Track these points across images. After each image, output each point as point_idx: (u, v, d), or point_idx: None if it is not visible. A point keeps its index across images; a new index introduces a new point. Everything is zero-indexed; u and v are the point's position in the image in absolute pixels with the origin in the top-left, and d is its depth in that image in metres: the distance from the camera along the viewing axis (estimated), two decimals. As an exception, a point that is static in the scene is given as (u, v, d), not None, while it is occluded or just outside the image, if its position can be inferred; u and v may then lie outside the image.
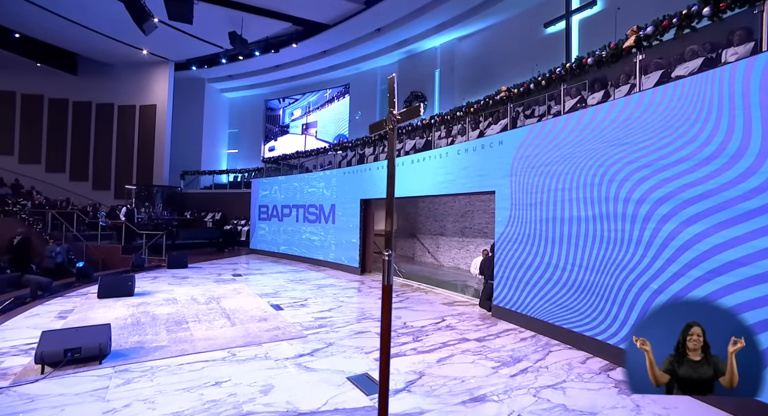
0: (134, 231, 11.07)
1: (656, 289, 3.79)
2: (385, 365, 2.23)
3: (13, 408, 2.95)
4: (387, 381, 2.42)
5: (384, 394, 2.35)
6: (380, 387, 1.99)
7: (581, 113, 4.73)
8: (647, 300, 3.87)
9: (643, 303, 3.91)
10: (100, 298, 6.21)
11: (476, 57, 13.72)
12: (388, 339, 1.63)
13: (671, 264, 3.68)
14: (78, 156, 16.55)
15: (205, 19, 12.41)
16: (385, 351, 2.00)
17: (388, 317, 1.06)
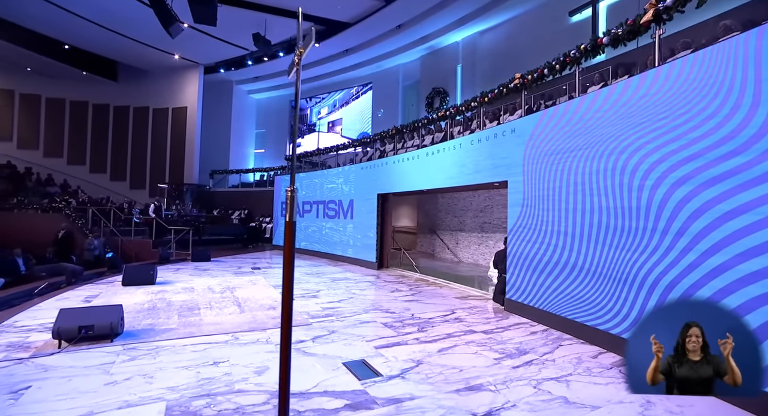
0: (164, 227, 11.60)
1: (672, 280, 3.52)
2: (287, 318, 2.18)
3: (27, 377, 3.17)
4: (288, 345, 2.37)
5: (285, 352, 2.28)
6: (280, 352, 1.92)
7: (594, 94, 4.49)
8: (663, 290, 3.60)
9: (659, 294, 3.64)
10: (124, 286, 6.55)
11: (498, 50, 13.39)
12: (290, 276, 1.56)
13: (687, 253, 3.40)
14: (117, 157, 17.61)
15: (230, 21, 12.85)
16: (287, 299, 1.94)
17: (290, 249, 1.00)
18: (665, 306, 1.77)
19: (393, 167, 9.24)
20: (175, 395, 2.90)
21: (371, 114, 17.82)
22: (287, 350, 1.00)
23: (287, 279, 1.03)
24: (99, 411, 2.66)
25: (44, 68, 16.37)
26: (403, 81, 17.13)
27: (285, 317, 0.99)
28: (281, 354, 1.04)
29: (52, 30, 14.34)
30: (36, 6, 12.49)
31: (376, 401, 2.92)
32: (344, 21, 14.52)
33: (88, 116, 17.68)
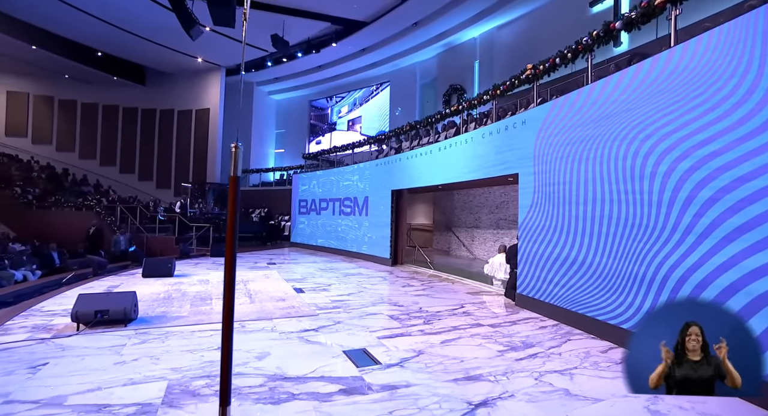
0: (186, 224, 12.00)
1: (685, 272, 3.35)
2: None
3: (46, 355, 3.38)
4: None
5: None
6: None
7: (605, 81, 4.34)
8: (676, 282, 3.43)
9: (672, 286, 3.47)
10: (144, 277, 6.82)
11: (517, 45, 13.12)
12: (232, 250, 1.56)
13: (701, 243, 3.23)
14: (144, 158, 18.38)
15: (250, 24, 13.17)
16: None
17: (234, 210, 0.99)
18: (665, 307, 1.77)
19: (406, 163, 9.21)
20: (177, 375, 3.00)
21: (389, 112, 17.83)
22: (229, 332, 1.02)
23: (230, 249, 1.04)
24: (106, 386, 2.79)
25: (80, 75, 17.25)
26: (420, 79, 17.05)
27: (227, 292, 1.01)
28: (223, 336, 1.06)
29: (87, 38, 15.11)
30: (73, 16, 13.20)
31: (371, 387, 2.92)
32: (361, 20, 14.60)
33: (118, 119, 18.52)
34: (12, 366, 3.13)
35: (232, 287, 0.99)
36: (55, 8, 12.84)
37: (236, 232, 1.04)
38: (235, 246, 1.05)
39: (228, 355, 0.99)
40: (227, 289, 0.99)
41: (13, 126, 18.05)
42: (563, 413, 2.61)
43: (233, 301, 0.99)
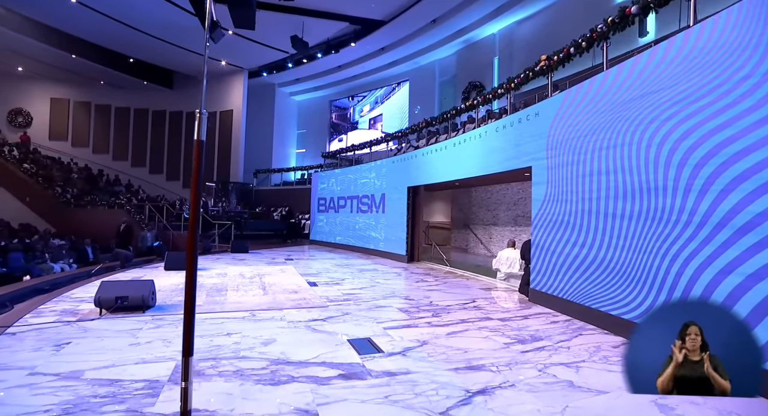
0: (210, 222, 12.41)
1: (701, 263, 3.20)
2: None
3: (70, 335, 3.62)
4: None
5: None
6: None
7: (618, 68, 4.20)
8: (692, 274, 3.28)
9: (688, 279, 3.32)
10: (166, 270, 7.12)
11: (537, 39, 12.83)
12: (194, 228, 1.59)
13: (718, 233, 3.08)
14: (172, 159, 19.15)
15: (270, 26, 13.48)
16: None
17: (197, 174, 1.03)
18: (665, 307, 1.83)
19: (421, 159, 9.19)
20: (185, 357, 3.12)
21: (408, 111, 17.82)
22: (191, 316, 1.07)
23: (192, 224, 1.08)
24: (119, 364, 2.94)
25: (114, 80, 18.18)
26: (439, 76, 16.96)
27: (189, 271, 1.06)
28: (185, 320, 1.12)
29: (120, 45, 15.90)
30: (107, 25, 13.93)
31: (370, 373, 2.95)
32: (379, 19, 14.66)
33: (148, 122, 19.37)
34: (40, 343, 3.36)
35: (196, 230, 1.04)
36: (91, 18, 13.58)
37: (200, 193, 1.09)
38: (198, 204, 1.09)
39: (191, 308, 1.04)
40: (191, 233, 1.04)
41: (56, 130, 19.20)
42: (564, 403, 2.55)
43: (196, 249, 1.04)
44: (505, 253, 6.96)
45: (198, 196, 1.09)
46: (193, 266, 1.02)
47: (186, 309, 1.05)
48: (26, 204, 15.76)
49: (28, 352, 3.16)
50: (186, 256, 1.03)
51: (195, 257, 1.02)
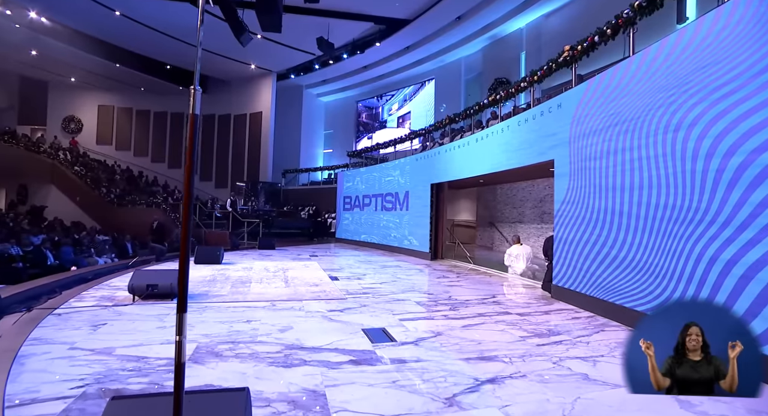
0: (239, 220, 12.87)
1: (731, 258, 3.02)
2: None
3: (106, 318, 3.91)
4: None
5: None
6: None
7: (643, 53, 4.02)
8: (723, 268, 3.10)
9: (718, 273, 3.14)
10: (196, 264, 7.47)
11: (566, 32, 12.42)
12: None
13: (746, 227, 2.90)
14: (205, 160, 19.99)
15: (296, 29, 13.82)
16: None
17: (192, 145, 1.08)
18: (665, 308, 1.78)
19: (444, 156, 9.14)
20: (206, 340, 3.29)
21: (434, 109, 17.72)
22: (185, 273, 1.16)
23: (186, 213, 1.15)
24: (146, 344, 3.15)
25: (153, 87, 19.22)
26: (465, 74, 16.78)
27: (182, 261, 1.14)
28: (179, 277, 1.20)
29: (158, 53, 16.81)
30: (147, 34, 14.79)
31: (381, 360, 2.99)
32: (403, 18, 14.70)
33: (183, 125, 20.32)
34: (79, 323, 3.66)
35: (190, 200, 1.12)
36: (133, 28, 14.46)
37: (195, 165, 1.17)
38: (192, 179, 1.17)
39: (185, 263, 1.12)
40: (185, 205, 1.12)
41: (102, 135, 20.54)
42: (576, 395, 2.48)
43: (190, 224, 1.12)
44: (514, 250, 7.14)
45: (192, 171, 1.17)
46: (188, 227, 1.10)
47: (180, 266, 1.13)
48: (76, 203, 16.95)
49: (69, 330, 3.46)
50: (181, 227, 1.10)
51: (189, 223, 1.09)
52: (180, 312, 1.18)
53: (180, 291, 1.18)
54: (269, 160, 18.44)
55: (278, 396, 2.35)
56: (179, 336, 1.17)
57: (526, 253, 7.00)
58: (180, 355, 1.18)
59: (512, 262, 7.07)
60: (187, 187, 1.16)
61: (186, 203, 1.18)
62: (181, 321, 1.16)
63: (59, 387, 2.37)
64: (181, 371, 1.19)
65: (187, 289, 1.22)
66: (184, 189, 1.16)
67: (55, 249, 8.87)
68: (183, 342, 1.15)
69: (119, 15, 13.79)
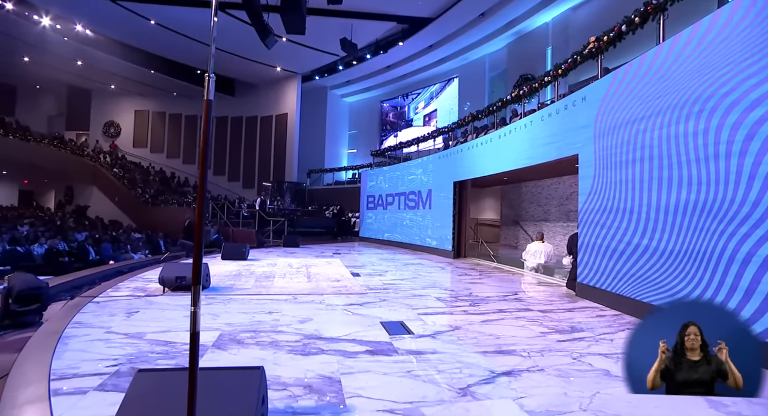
0: (265, 219, 13.23)
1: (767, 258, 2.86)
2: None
3: (139, 306, 4.14)
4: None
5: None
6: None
7: (674, 39, 3.86)
8: (759, 268, 2.93)
9: (753, 272, 2.97)
10: (222, 259, 7.74)
11: (595, 25, 11.98)
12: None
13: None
14: (233, 161, 20.66)
15: (319, 30, 14.02)
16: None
17: (206, 137, 1.13)
18: (665, 308, 1.85)
19: (467, 153, 9.06)
20: (229, 328, 3.42)
21: (458, 108, 17.56)
22: (200, 252, 1.23)
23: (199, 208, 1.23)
24: (174, 330, 3.32)
25: (184, 91, 20.07)
26: (489, 71, 16.55)
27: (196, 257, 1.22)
28: (194, 256, 1.28)
29: (189, 58, 17.54)
30: (178, 41, 15.46)
31: (397, 351, 3.02)
32: (426, 16, 14.67)
33: (213, 128, 21.06)
34: (115, 311, 3.92)
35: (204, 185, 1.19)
36: (166, 36, 15.18)
37: (209, 152, 1.24)
38: (207, 162, 1.25)
39: (200, 247, 1.19)
40: (200, 195, 1.20)
41: (138, 138, 21.63)
42: (595, 390, 2.42)
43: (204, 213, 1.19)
44: (533, 246, 7.10)
45: (206, 155, 1.24)
46: (202, 207, 1.18)
47: (196, 248, 1.21)
48: (115, 203, 17.96)
49: (106, 316, 3.71)
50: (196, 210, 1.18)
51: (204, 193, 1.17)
52: (195, 285, 1.26)
53: (195, 268, 1.26)
54: (294, 161, 18.84)
55: (295, 381, 2.42)
56: (194, 307, 1.25)
57: (547, 251, 6.91)
58: (195, 325, 1.26)
59: (529, 258, 7.10)
60: (202, 163, 1.24)
61: (201, 177, 1.26)
62: (196, 294, 1.24)
63: (96, 365, 2.56)
64: (196, 340, 1.26)
65: (201, 266, 1.30)
66: (199, 165, 1.24)
67: (96, 246, 9.44)
68: (197, 313, 1.23)
69: (154, 24, 14.49)
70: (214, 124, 21.04)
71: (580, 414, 2.14)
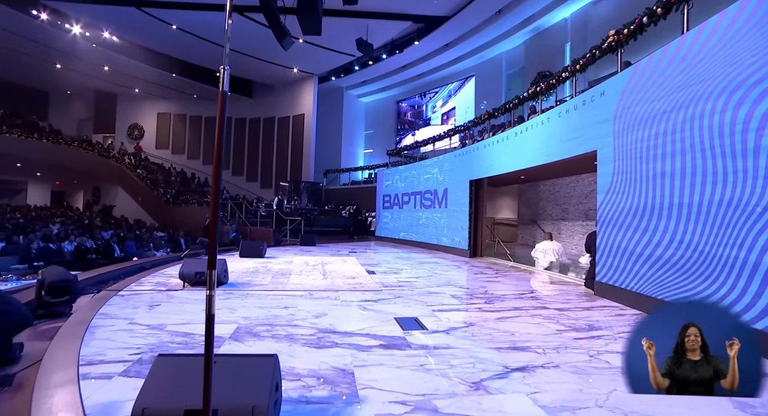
0: (282, 218, 13.43)
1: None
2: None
3: (160, 300, 4.28)
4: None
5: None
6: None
7: (699, 29, 3.74)
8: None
9: (782, 265, 2.86)
10: (240, 257, 7.92)
11: (616, 20, 11.56)
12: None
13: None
14: (251, 161, 21.03)
15: (335, 31, 14.16)
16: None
17: (221, 129, 1.16)
18: (665, 308, 1.87)
19: (483, 152, 8.98)
20: (246, 322, 3.50)
21: (474, 107, 17.41)
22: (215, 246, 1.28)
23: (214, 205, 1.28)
24: (193, 323, 3.42)
25: (204, 94, 20.55)
26: (506, 69, 16.36)
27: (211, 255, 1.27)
28: (210, 244, 1.33)
29: (208, 61, 17.96)
30: (198, 44, 15.88)
31: (410, 345, 3.03)
32: (442, 15, 14.61)
33: (231, 129, 21.49)
34: (138, 303, 4.07)
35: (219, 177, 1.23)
36: (187, 40, 15.60)
37: (223, 143, 1.29)
38: (221, 155, 1.29)
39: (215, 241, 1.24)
40: (214, 191, 1.24)
41: (161, 140, 22.28)
42: (611, 387, 2.38)
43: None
44: (542, 245, 7.27)
45: (221, 147, 1.29)
46: (217, 200, 1.22)
47: (210, 235, 1.26)
48: (138, 203, 18.54)
49: (130, 309, 3.86)
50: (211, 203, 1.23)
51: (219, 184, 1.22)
52: (210, 269, 1.30)
53: (210, 255, 1.31)
54: (311, 161, 19.05)
55: (309, 372, 2.46)
56: (210, 291, 1.29)
57: (555, 249, 6.89)
58: (210, 307, 1.30)
59: (539, 256, 7.17)
60: (217, 152, 1.28)
61: (216, 166, 1.31)
62: (211, 277, 1.29)
63: (121, 353, 2.67)
64: (212, 322, 1.31)
65: (216, 252, 1.35)
66: (215, 154, 1.28)
67: (120, 244, 9.78)
68: (213, 296, 1.28)
69: (175, 28, 14.91)
70: (231, 124, 21.52)
71: (596, 410, 2.11)
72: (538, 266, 7.33)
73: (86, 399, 2.01)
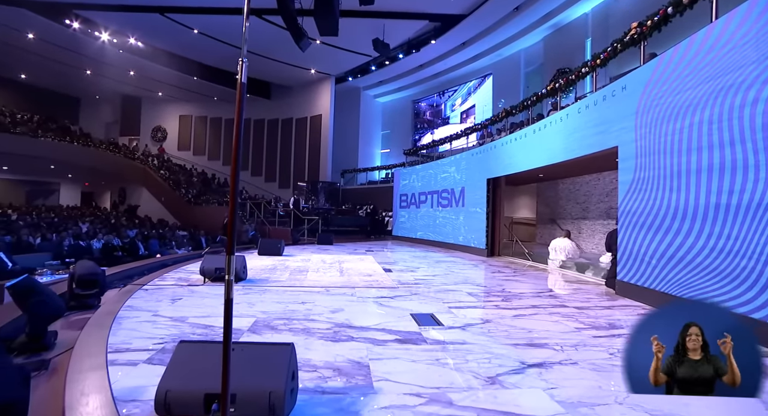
0: (300, 217, 13.60)
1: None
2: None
3: (182, 294, 4.43)
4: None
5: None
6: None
7: (728, 16, 3.60)
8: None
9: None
10: (259, 255, 8.08)
11: (638, 14, 11.15)
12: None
13: None
14: (269, 162, 21.36)
15: (352, 32, 14.24)
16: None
17: (239, 119, 1.19)
18: (665, 308, 1.79)
19: (501, 150, 8.88)
20: (264, 316, 3.58)
21: (492, 106, 17.21)
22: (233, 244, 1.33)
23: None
24: (213, 316, 3.53)
25: (224, 96, 21.01)
26: (525, 67, 16.11)
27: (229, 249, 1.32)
28: (228, 235, 1.38)
29: (227, 64, 18.35)
30: (218, 48, 16.26)
31: (426, 340, 3.03)
32: (458, 13, 14.51)
33: (250, 130, 21.90)
34: (162, 297, 4.23)
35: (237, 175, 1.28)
36: (207, 44, 16.00)
37: (241, 135, 1.33)
38: (239, 150, 1.34)
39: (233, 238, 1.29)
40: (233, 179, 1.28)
41: (183, 142, 22.87)
42: (633, 385, 2.32)
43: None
44: (558, 242, 7.24)
45: (239, 141, 1.33)
46: (236, 180, 1.27)
47: (228, 227, 1.30)
48: (161, 203, 19.09)
49: (153, 302, 4.01)
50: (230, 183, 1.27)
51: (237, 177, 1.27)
52: (228, 255, 1.35)
53: (228, 244, 1.35)
54: (329, 161, 19.21)
55: (325, 364, 2.50)
56: (228, 276, 1.34)
57: (568, 248, 6.88)
58: (229, 292, 1.35)
59: (551, 252, 7.24)
60: (236, 144, 1.33)
61: (234, 155, 1.35)
62: (229, 263, 1.33)
63: (145, 342, 2.79)
64: (230, 306, 1.35)
65: (235, 242, 1.39)
66: (233, 146, 1.33)
67: (144, 242, 10.11)
68: (231, 280, 1.32)
69: (197, 33, 15.31)
70: (250, 125, 21.92)
71: (616, 407, 2.07)
72: (550, 261, 7.37)
73: (114, 383, 2.10)
